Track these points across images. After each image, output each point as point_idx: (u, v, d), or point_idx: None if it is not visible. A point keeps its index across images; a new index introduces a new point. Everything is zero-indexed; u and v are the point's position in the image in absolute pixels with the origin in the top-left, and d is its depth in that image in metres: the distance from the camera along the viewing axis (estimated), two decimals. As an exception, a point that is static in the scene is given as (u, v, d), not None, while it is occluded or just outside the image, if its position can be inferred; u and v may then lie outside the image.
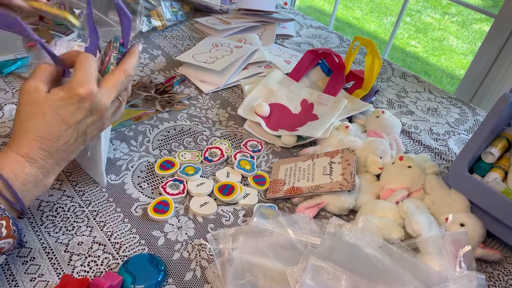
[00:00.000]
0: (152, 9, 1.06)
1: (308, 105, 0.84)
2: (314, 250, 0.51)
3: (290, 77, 0.89)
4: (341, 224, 0.54)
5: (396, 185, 0.65)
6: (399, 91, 0.99)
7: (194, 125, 0.79)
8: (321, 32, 1.22)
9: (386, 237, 0.56)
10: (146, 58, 0.97)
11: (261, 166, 0.72)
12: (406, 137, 0.84)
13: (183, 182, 0.65)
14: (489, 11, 1.56)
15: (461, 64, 3.17)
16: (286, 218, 0.58)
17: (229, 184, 0.65)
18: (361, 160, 0.70)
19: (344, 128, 0.75)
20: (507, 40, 1.37)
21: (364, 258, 0.50)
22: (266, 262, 0.51)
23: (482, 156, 0.67)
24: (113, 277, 0.49)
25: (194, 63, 0.92)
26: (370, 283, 0.47)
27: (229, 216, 0.62)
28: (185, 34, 1.10)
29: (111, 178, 0.65)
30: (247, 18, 1.17)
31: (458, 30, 3.63)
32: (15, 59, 0.84)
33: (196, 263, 0.55)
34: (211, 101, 0.86)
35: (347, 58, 0.90)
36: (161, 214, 0.59)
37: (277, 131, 0.77)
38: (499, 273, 0.60)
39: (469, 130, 0.89)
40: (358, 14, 3.79)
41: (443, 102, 0.97)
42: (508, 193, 0.57)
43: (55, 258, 0.53)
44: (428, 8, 3.99)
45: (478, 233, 0.58)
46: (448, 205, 0.62)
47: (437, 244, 0.53)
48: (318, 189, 0.64)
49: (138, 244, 0.56)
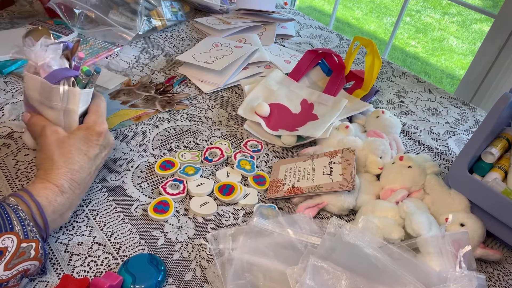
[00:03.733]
0: (152, 9, 1.06)
1: (308, 105, 0.84)
2: (314, 250, 0.51)
3: (290, 77, 0.89)
4: (341, 224, 0.54)
5: (396, 185, 0.65)
6: (399, 91, 0.99)
7: (194, 125, 0.79)
8: (321, 32, 1.22)
9: (386, 237, 0.56)
10: (146, 58, 0.97)
11: (261, 166, 0.72)
12: (406, 137, 0.84)
13: (183, 182, 0.65)
14: (489, 11, 1.56)
15: (461, 64, 3.17)
16: (286, 218, 0.58)
17: (229, 184, 0.65)
18: (361, 160, 0.70)
19: (344, 128, 0.75)
20: (507, 40, 1.37)
21: (364, 258, 0.50)
22: (266, 262, 0.51)
23: (482, 156, 0.67)
24: (113, 277, 0.49)
25: (194, 63, 0.92)
26: (370, 283, 0.47)
27: (229, 216, 0.62)
28: (185, 34, 1.10)
29: (111, 178, 0.65)
30: (247, 18, 1.17)
31: (458, 30, 3.63)
32: (15, 59, 0.84)
33: (196, 263, 0.55)
34: (211, 101, 0.86)
35: (347, 58, 0.90)
36: (161, 214, 0.59)
37: (277, 131, 0.77)
38: (499, 273, 0.60)
39: (469, 130, 0.89)
40: (358, 14, 3.79)
41: (443, 102, 0.97)
42: (508, 193, 0.57)
43: (55, 258, 0.53)
44: (428, 8, 3.99)
45: (478, 233, 0.58)
46: (448, 205, 0.62)
47: (437, 244, 0.53)
48: (318, 189, 0.64)
49: (138, 244, 0.56)
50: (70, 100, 0.56)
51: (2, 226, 0.45)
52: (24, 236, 0.46)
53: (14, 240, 0.45)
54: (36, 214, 0.48)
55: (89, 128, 0.57)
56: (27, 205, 0.48)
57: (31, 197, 0.49)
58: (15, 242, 0.45)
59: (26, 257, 0.46)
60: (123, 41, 0.97)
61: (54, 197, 0.51)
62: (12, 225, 0.45)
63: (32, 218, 0.48)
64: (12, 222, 0.46)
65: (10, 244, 0.45)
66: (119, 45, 0.97)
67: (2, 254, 0.44)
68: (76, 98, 0.56)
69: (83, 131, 0.57)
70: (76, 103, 0.57)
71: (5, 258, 0.44)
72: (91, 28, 0.98)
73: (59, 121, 0.58)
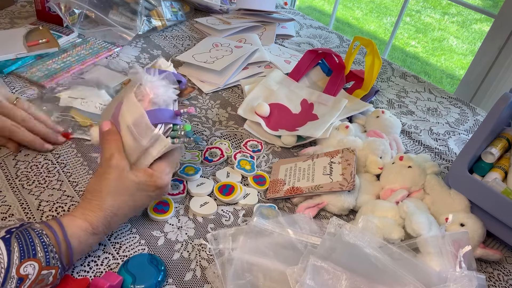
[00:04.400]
0: (152, 9, 1.06)
1: (308, 105, 0.84)
2: (314, 250, 0.51)
3: (290, 77, 0.89)
4: (341, 224, 0.54)
5: (396, 185, 0.65)
6: (399, 91, 0.99)
7: (194, 125, 0.79)
8: (321, 32, 1.22)
9: (386, 237, 0.56)
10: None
11: (261, 166, 0.72)
12: (406, 137, 0.84)
13: (183, 182, 0.65)
14: (489, 11, 1.56)
15: (461, 64, 3.17)
16: (286, 218, 0.58)
17: (229, 184, 0.65)
18: (361, 160, 0.70)
19: (344, 128, 0.75)
20: (507, 40, 1.37)
21: (364, 258, 0.50)
22: (266, 262, 0.51)
23: (482, 156, 0.67)
24: (113, 277, 0.49)
25: (194, 63, 0.92)
26: (370, 283, 0.47)
27: (229, 216, 0.62)
28: (185, 34, 1.10)
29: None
30: (247, 18, 1.17)
31: (458, 30, 3.63)
32: (15, 59, 0.84)
33: (196, 263, 0.55)
34: (211, 101, 0.86)
35: (347, 58, 0.90)
36: (161, 214, 0.59)
37: (277, 131, 0.77)
38: (499, 273, 0.60)
39: (469, 130, 0.89)
40: (358, 14, 3.79)
41: (443, 102, 0.97)
42: (508, 193, 0.57)
43: (55, 258, 0.53)
44: (428, 8, 3.99)
45: (478, 233, 0.58)
46: (448, 205, 0.62)
47: (437, 244, 0.53)
48: (318, 189, 0.64)
49: (138, 244, 0.56)
50: (156, 146, 0.53)
51: (26, 252, 0.44)
52: (46, 263, 0.45)
53: (36, 267, 0.44)
54: (64, 253, 0.47)
55: (152, 176, 0.53)
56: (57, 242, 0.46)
57: (64, 236, 0.47)
58: (37, 269, 0.44)
59: (44, 284, 0.45)
60: (123, 41, 0.97)
61: (86, 239, 0.49)
62: (35, 251, 0.44)
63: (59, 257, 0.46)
64: (36, 248, 0.44)
65: (32, 271, 0.43)
66: (119, 45, 0.97)
67: (22, 281, 0.43)
68: (161, 147, 0.53)
69: (145, 177, 0.53)
70: (159, 151, 0.54)
71: (24, 285, 0.43)
72: (91, 28, 0.98)
73: (132, 152, 0.54)
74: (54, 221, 0.48)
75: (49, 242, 0.45)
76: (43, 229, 0.46)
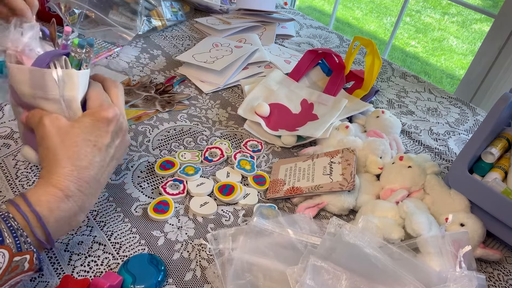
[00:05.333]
0: (152, 9, 1.06)
1: (308, 105, 0.84)
2: (314, 250, 0.51)
3: (290, 77, 0.89)
4: (341, 224, 0.54)
5: (396, 185, 0.65)
6: (399, 91, 0.99)
7: (194, 125, 0.79)
8: (321, 32, 1.22)
9: (386, 237, 0.56)
10: (146, 58, 0.97)
11: (261, 166, 0.72)
12: (406, 137, 0.84)
13: (183, 182, 0.65)
14: (489, 11, 1.56)
15: (461, 64, 3.17)
16: (286, 218, 0.58)
17: (229, 184, 0.65)
18: (361, 160, 0.70)
19: (344, 128, 0.75)
20: (507, 40, 1.37)
21: (364, 258, 0.50)
22: (266, 262, 0.51)
23: (482, 156, 0.67)
24: (113, 277, 0.49)
25: (194, 63, 0.92)
26: (370, 283, 0.47)
27: (229, 216, 0.62)
28: (185, 34, 1.10)
29: (111, 178, 0.65)
30: (247, 18, 1.17)
31: (458, 30, 3.63)
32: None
33: (196, 263, 0.55)
34: (211, 101, 0.86)
35: (347, 58, 0.90)
36: (161, 214, 0.59)
37: (277, 131, 0.77)
38: (499, 273, 0.60)
39: (469, 130, 0.89)
40: (358, 14, 3.79)
41: (443, 102, 0.97)
42: (508, 193, 0.57)
43: (55, 258, 0.53)
44: (428, 8, 3.99)
45: (478, 233, 0.58)
46: (448, 205, 0.62)
47: (437, 244, 0.53)
48: (318, 189, 0.64)
49: (138, 244, 0.56)
50: (68, 85, 0.48)
51: None
52: (17, 249, 0.41)
53: (6, 255, 0.40)
54: (36, 227, 0.43)
55: (95, 113, 0.49)
56: (23, 216, 0.42)
57: (30, 207, 0.43)
58: (7, 257, 0.40)
59: (19, 271, 0.41)
60: (123, 41, 0.97)
61: (57, 204, 0.44)
62: (2, 237, 0.40)
63: (31, 232, 0.42)
64: (3, 234, 0.40)
65: (1, 259, 0.39)
66: (119, 45, 0.97)
67: None
68: (74, 81, 0.47)
69: (89, 118, 0.48)
70: (75, 88, 0.48)
71: None
72: (91, 28, 0.98)
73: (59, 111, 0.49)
74: (19, 197, 0.44)
75: (18, 226, 0.41)
76: (9, 210, 0.42)
